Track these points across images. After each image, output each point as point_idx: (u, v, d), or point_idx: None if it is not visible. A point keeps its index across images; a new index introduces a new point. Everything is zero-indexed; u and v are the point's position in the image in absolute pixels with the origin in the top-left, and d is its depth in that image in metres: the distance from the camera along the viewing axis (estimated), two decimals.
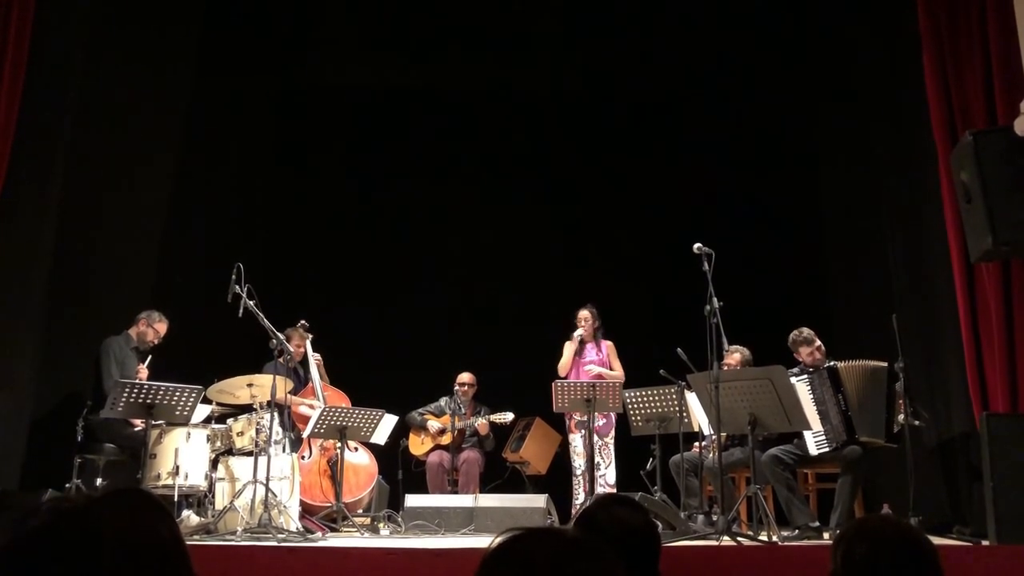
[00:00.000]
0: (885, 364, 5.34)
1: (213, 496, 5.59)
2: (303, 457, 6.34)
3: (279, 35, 8.17)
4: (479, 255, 8.45)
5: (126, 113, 6.72)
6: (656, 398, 5.70)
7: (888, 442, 5.26)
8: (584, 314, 6.81)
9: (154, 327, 6.03)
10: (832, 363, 5.48)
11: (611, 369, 6.75)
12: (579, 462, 6.72)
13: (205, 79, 7.52)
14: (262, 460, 5.33)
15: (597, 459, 6.37)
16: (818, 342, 5.62)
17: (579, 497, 6.65)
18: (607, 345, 6.84)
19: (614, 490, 6.43)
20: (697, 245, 5.36)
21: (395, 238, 8.64)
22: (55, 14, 5.87)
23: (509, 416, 6.89)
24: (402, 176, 8.66)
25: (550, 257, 8.44)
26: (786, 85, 8.16)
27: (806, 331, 5.65)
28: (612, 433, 6.69)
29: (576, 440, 6.75)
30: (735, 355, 5.82)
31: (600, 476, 6.40)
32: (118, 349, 5.88)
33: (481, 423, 6.87)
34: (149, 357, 5.97)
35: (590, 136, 8.59)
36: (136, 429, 5.69)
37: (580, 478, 6.68)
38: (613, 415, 6.55)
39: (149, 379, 5.72)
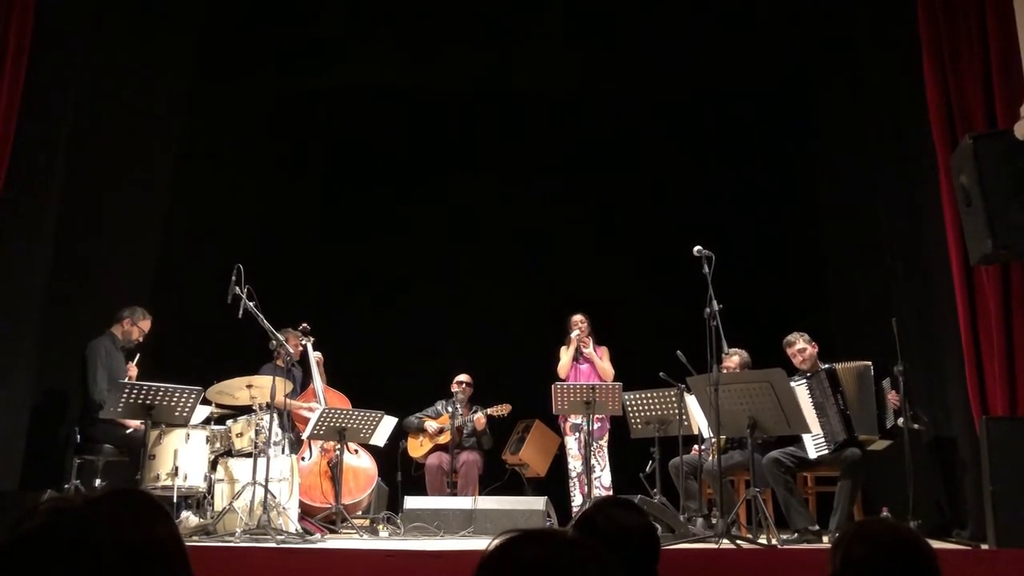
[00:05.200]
0: (869, 363, 5.43)
1: (212, 497, 5.59)
2: (303, 458, 6.34)
3: (278, 36, 8.16)
4: (479, 256, 8.46)
5: (126, 114, 6.72)
6: (655, 401, 5.70)
7: (883, 437, 5.29)
8: (578, 317, 6.88)
9: (138, 325, 6.00)
10: (830, 365, 5.52)
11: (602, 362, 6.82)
12: (574, 464, 6.76)
13: (204, 79, 7.52)
14: (261, 461, 5.33)
15: (592, 462, 6.39)
16: (799, 344, 5.62)
17: (576, 499, 6.68)
18: (602, 350, 6.90)
19: (609, 492, 6.45)
20: (697, 248, 5.36)
21: (394, 239, 8.64)
22: (55, 15, 5.88)
23: (507, 407, 6.91)
24: (402, 177, 8.67)
25: (550, 259, 8.44)
26: (786, 87, 8.17)
27: (790, 335, 5.70)
28: (606, 436, 6.72)
29: (571, 442, 6.79)
30: (734, 358, 5.84)
31: (595, 479, 6.42)
32: (104, 352, 5.85)
33: (479, 417, 6.90)
34: (138, 355, 5.96)
35: (590, 137, 8.60)
36: (129, 431, 5.68)
37: (575, 480, 6.73)
38: (607, 418, 6.58)
39: (139, 377, 5.72)
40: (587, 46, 8.26)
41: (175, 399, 5.32)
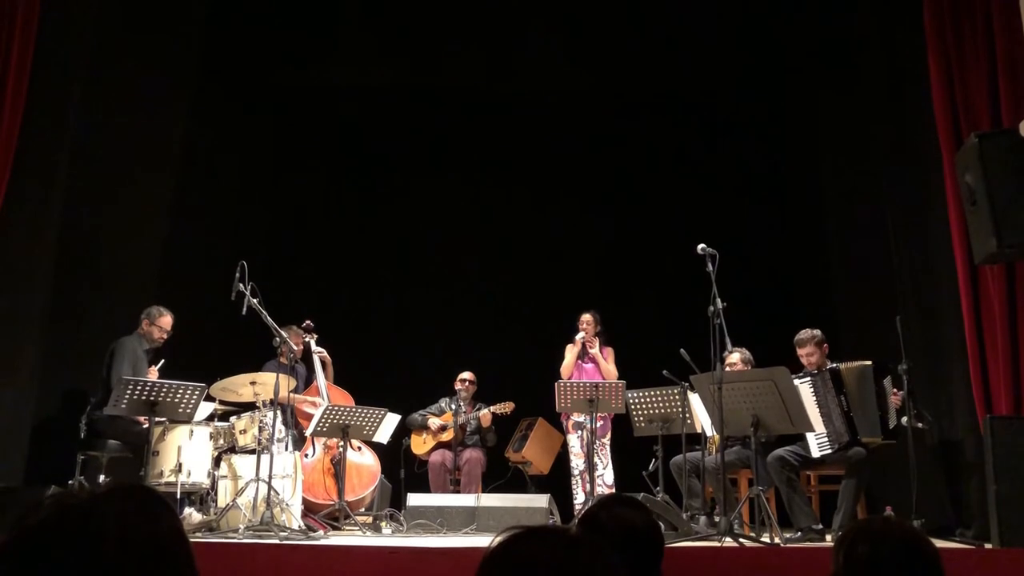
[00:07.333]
0: (870, 363, 5.38)
1: (216, 494, 5.60)
2: (306, 455, 6.35)
3: (281, 36, 8.18)
4: (482, 256, 8.45)
5: (129, 112, 6.73)
6: (659, 399, 5.70)
7: (886, 439, 5.27)
8: (586, 317, 6.87)
9: (157, 324, 6.02)
10: (834, 365, 5.49)
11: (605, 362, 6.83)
12: (577, 462, 6.76)
13: (208, 79, 7.54)
14: (264, 458, 5.34)
15: (595, 459, 6.40)
16: (809, 347, 5.52)
17: (578, 497, 6.68)
18: (607, 351, 6.90)
19: (612, 490, 6.45)
20: (701, 246, 5.36)
21: (397, 238, 8.65)
22: (60, 17, 5.90)
23: (510, 405, 6.91)
24: (405, 176, 8.67)
25: (554, 256, 8.43)
26: (789, 86, 8.15)
27: (800, 334, 5.61)
28: (608, 434, 6.72)
29: (573, 440, 6.80)
30: (735, 355, 5.81)
31: (598, 477, 6.42)
32: (132, 350, 5.87)
33: (484, 414, 6.91)
34: (162, 361, 5.96)
35: (593, 136, 8.59)
36: (145, 427, 5.69)
37: (578, 478, 6.74)
38: (610, 416, 6.58)
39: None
40: (591, 48, 8.26)
41: (179, 396, 5.32)
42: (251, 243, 7.36)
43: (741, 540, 4.54)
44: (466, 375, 7.20)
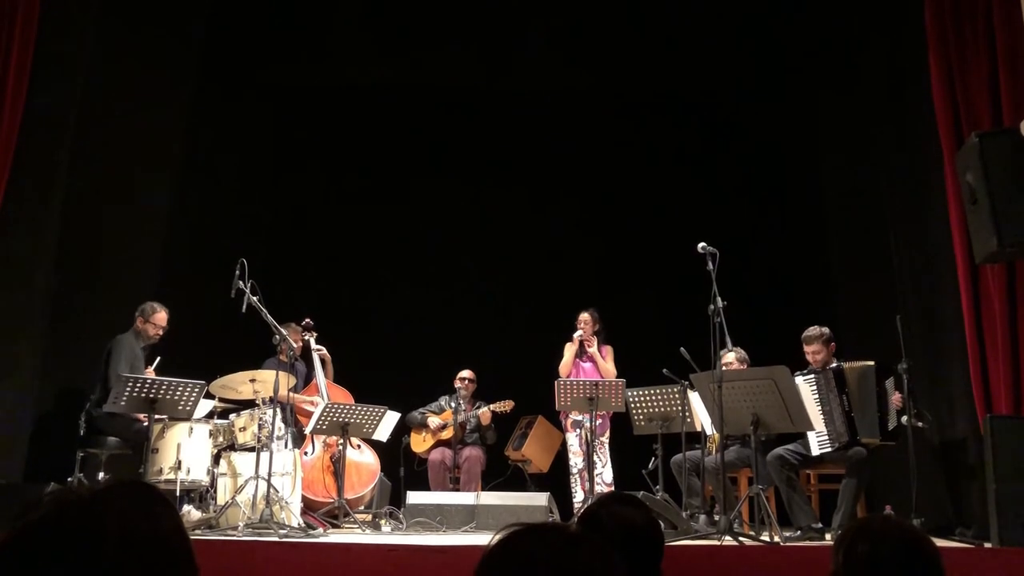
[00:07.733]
0: (872, 363, 5.37)
1: (215, 491, 5.60)
2: (306, 453, 6.35)
3: (281, 36, 8.18)
4: (482, 254, 8.45)
5: (130, 110, 6.73)
6: (658, 397, 5.70)
7: (884, 440, 5.26)
8: (584, 316, 6.87)
9: (151, 321, 5.99)
10: (837, 364, 5.48)
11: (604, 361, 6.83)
12: (576, 460, 6.76)
13: (207, 78, 7.54)
14: (264, 456, 5.34)
15: (594, 458, 6.40)
16: (816, 345, 5.49)
17: (578, 495, 6.68)
18: (606, 349, 6.88)
19: (612, 489, 6.45)
20: (701, 244, 5.36)
21: (397, 237, 8.64)
22: (60, 17, 5.90)
23: (510, 404, 6.91)
24: (405, 176, 8.67)
25: (553, 256, 8.43)
26: (789, 86, 8.15)
27: (808, 330, 5.58)
28: (607, 433, 6.72)
29: (572, 439, 6.80)
30: (730, 355, 5.80)
31: (597, 475, 6.43)
32: (129, 348, 5.86)
33: (484, 412, 6.92)
34: (158, 359, 5.95)
35: (593, 136, 8.58)
36: (145, 424, 5.68)
37: (577, 476, 6.74)
38: (608, 415, 6.58)
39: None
40: (591, 48, 8.25)
41: (178, 393, 5.31)
42: (251, 243, 7.36)
43: (741, 539, 4.54)
44: (466, 373, 7.20)
